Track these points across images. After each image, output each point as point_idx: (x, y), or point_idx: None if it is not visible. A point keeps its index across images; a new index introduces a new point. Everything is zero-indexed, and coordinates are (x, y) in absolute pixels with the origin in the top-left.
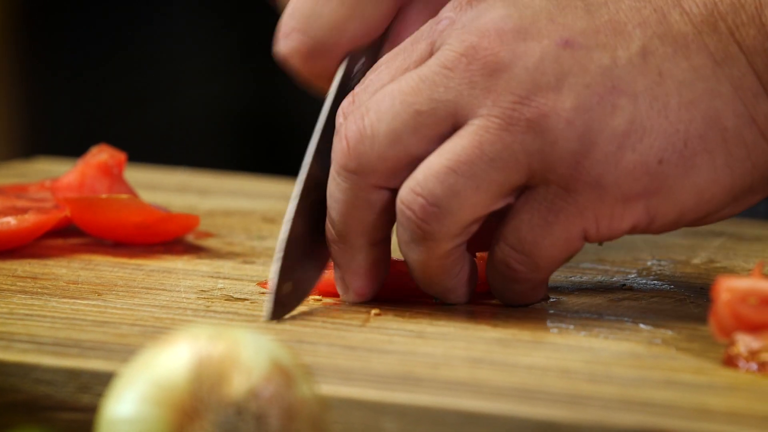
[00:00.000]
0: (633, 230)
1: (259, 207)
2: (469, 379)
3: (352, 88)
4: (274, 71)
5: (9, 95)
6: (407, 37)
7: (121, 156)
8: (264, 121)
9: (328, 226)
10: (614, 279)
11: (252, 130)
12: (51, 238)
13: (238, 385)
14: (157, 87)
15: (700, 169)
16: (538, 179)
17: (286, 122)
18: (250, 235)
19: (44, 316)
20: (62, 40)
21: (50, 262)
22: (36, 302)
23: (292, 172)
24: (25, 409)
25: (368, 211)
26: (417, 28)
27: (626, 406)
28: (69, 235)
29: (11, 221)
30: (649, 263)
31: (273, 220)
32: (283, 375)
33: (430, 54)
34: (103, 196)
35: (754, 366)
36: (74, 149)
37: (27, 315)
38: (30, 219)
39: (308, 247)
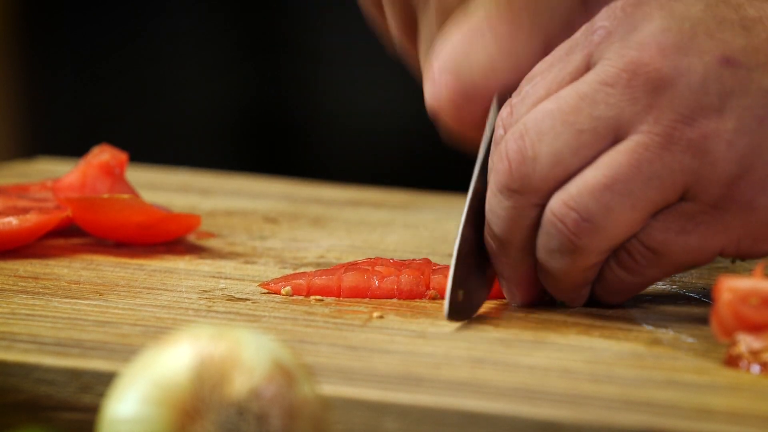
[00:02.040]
0: None
1: (261, 207)
2: (470, 379)
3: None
4: (276, 71)
5: (10, 95)
6: None
7: (122, 156)
8: (265, 121)
9: (488, 239)
10: None
11: (253, 130)
12: (53, 238)
13: (240, 385)
14: (159, 87)
15: None
16: (688, 197)
17: (287, 122)
18: (252, 235)
19: (46, 316)
20: (63, 40)
21: (52, 262)
22: (37, 302)
23: (293, 172)
24: (27, 409)
25: (529, 227)
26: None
27: (628, 406)
28: (70, 235)
29: (13, 221)
30: None
31: (274, 220)
32: (285, 375)
33: (587, 67)
34: (105, 196)
35: (756, 367)
36: (75, 149)
37: (28, 315)
38: (31, 219)
39: (478, 257)
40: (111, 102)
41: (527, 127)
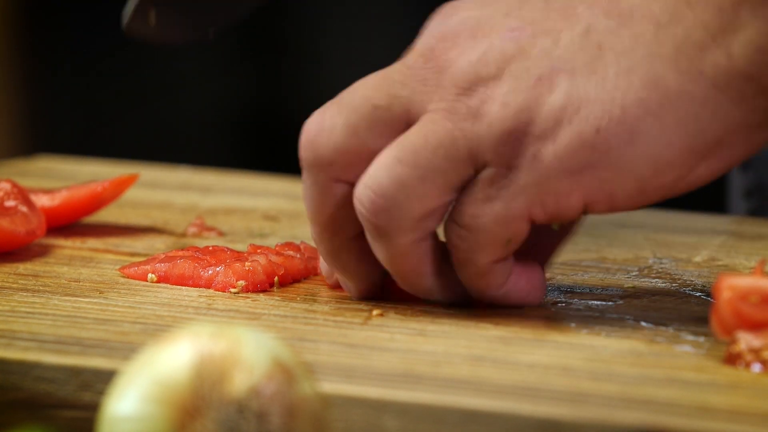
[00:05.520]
0: (590, 208)
1: (261, 205)
2: (470, 377)
3: None
4: (276, 69)
5: (10, 93)
6: None
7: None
8: (266, 119)
9: (311, 229)
10: (616, 277)
11: (254, 128)
12: (53, 236)
13: (240, 383)
14: (159, 85)
15: (647, 135)
16: (480, 165)
17: (288, 120)
18: (252, 233)
19: (46, 314)
20: (64, 38)
21: (52, 260)
22: (37, 300)
23: (294, 171)
24: (27, 407)
25: (333, 206)
26: None
27: (628, 404)
28: (70, 233)
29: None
30: (650, 261)
31: (275, 218)
32: (285, 373)
33: None
34: None
35: (757, 365)
36: (75, 147)
37: (28, 313)
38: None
39: None
40: (111, 100)
41: (331, 103)
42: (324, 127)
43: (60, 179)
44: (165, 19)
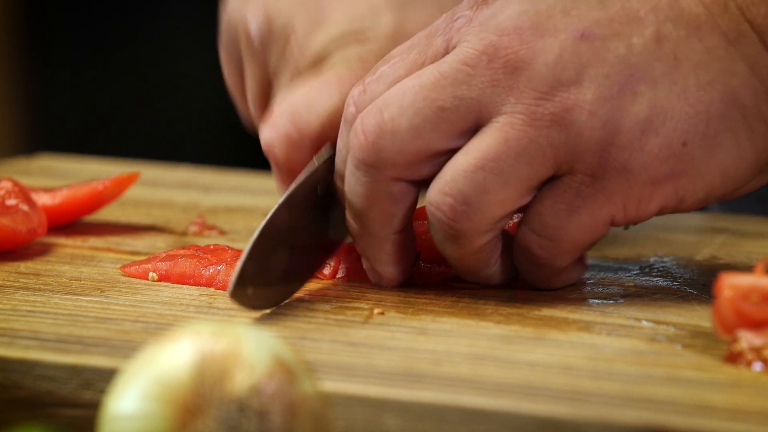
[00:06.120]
0: (662, 211)
1: (262, 203)
2: (471, 375)
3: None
4: None
5: (11, 92)
6: None
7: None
8: None
9: (350, 220)
10: (617, 275)
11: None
12: (54, 235)
13: (241, 381)
14: (160, 84)
15: (724, 148)
16: (564, 170)
17: None
18: (253, 232)
19: (47, 313)
20: (64, 38)
21: (53, 259)
22: (39, 299)
23: None
24: (28, 405)
25: (389, 203)
26: None
27: (628, 402)
28: (72, 232)
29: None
30: (651, 260)
31: None
32: (286, 371)
33: (446, 51)
34: None
35: (758, 364)
36: (76, 146)
37: (29, 311)
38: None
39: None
40: (112, 99)
41: (387, 103)
42: (385, 129)
43: (61, 178)
44: (259, 293)
